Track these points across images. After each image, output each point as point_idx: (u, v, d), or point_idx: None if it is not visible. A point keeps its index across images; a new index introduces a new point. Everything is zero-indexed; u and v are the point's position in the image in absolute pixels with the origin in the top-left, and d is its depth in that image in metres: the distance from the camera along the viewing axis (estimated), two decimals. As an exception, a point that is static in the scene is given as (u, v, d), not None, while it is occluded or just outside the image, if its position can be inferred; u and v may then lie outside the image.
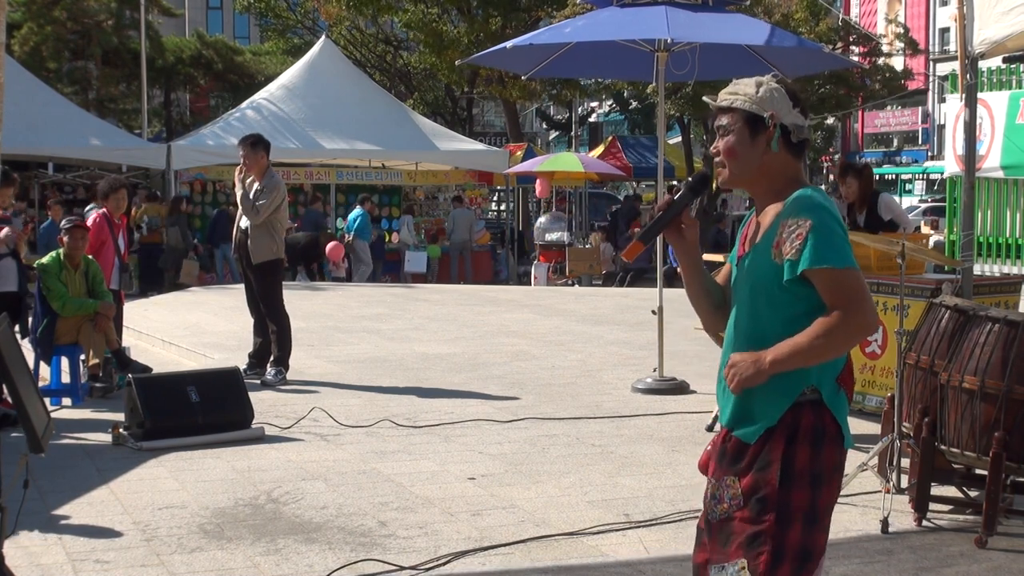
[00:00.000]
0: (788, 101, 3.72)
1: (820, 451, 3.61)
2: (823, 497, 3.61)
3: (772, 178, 3.75)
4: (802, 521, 3.57)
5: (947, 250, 14.26)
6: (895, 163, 62.96)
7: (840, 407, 3.67)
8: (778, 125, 3.71)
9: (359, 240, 25.12)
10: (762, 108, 3.72)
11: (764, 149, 3.72)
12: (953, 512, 7.04)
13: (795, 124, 3.72)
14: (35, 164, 26.64)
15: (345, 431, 9.21)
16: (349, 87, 27.13)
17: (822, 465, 3.61)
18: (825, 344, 3.55)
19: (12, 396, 4.33)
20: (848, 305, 3.53)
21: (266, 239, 11.30)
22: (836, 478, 3.68)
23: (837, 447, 3.67)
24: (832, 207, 3.62)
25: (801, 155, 3.77)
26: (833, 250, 3.54)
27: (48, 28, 36.21)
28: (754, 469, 3.62)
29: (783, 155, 3.73)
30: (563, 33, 11.56)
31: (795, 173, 3.75)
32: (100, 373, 10.90)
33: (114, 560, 6.09)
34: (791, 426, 3.61)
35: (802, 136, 3.74)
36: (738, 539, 3.60)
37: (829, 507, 3.65)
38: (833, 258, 3.54)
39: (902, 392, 7.08)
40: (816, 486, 3.60)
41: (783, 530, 3.56)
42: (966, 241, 8.82)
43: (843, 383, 3.70)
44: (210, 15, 68.86)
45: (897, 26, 35.16)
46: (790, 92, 3.76)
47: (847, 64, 19.70)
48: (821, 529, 3.62)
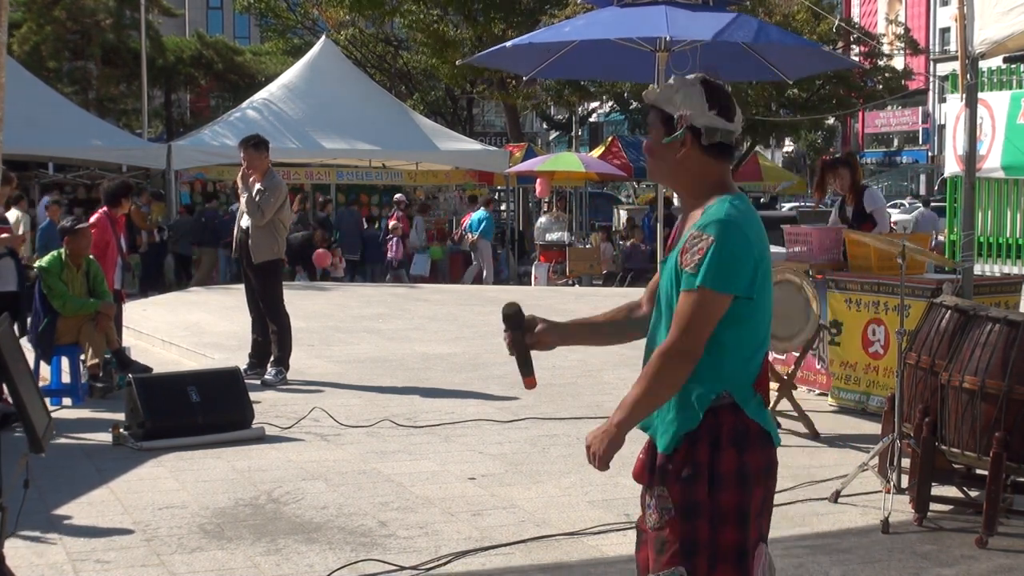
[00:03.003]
0: (704, 102, 3.68)
1: (745, 452, 3.60)
2: (755, 497, 3.61)
3: (690, 180, 3.71)
4: (734, 523, 3.58)
5: (947, 250, 14.26)
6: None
7: (757, 411, 3.65)
8: (687, 126, 3.66)
9: (483, 240, 25.25)
10: (674, 108, 3.70)
11: (678, 149, 3.68)
12: (954, 512, 7.04)
13: (708, 126, 3.65)
14: (35, 164, 26.62)
15: (345, 431, 9.21)
16: (349, 87, 27.12)
17: (749, 466, 3.60)
18: (659, 375, 3.56)
19: (12, 396, 4.33)
20: (682, 324, 3.53)
21: (267, 239, 11.30)
22: (767, 477, 3.68)
23: (764, 447, 3.66)
24: (746, 221, 3.58)
25: (724, 158, 3.71)
26: (716, 272, 3.50)
27: (48, 28, 36.21)
28: (682, 477, 3.61)
29: (700, 157, 3.68)
30: (563, 32, 11.55)
31: (717, 177, 3.70)
32: (100, 373, 10.90)
33: (114, 560, 6.09)
34: (713, 431, 3.60)
35: (714, 139, 3.67)
36: (672, 547, 3.61)
37: (759, 505, 3.65)
38: (712, 280, 3.50)
39: (902, 392, 7.08)
40: (744, 487, 3.59)
41: (716, 535, 3.57)
42: (966, 241, 8.81)
43: (759, 388, 3.69)
44: (210, 15, 68.89)
45: (897, 26, 35.14)
46: (714, 93, 3.72)
47: (848, 64, 19.72)
48: (756, 526, 3.63)
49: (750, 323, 3.60)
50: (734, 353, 3.60)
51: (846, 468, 7.74)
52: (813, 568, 6.05)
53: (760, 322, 3.64)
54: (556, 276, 24.53)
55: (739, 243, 3.53)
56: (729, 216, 3.55)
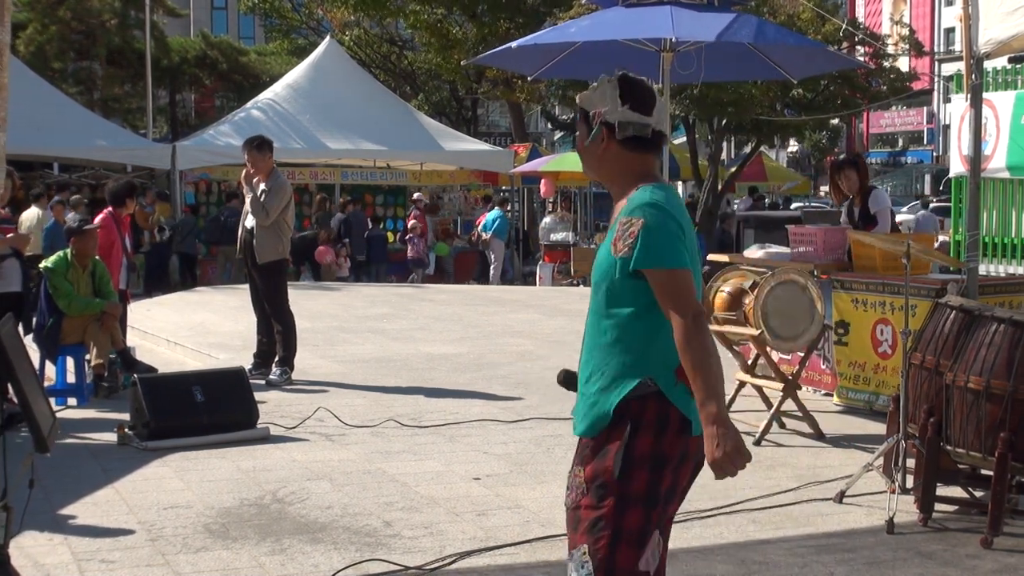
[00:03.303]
0: (617, 98, 3.81)
1: (662, 439, 3.70)
2: (665, 482, 3.72)
3: (614, 173, 3.88)
4: (642, 505, 3.70)
5: (952, 250, 14.24)
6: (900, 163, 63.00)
7: (681, 397, 3.74)
8: (601, 122, 3.82)
9: (496, 240, 25.29)
10: (591, 105, 3.87)
11: (599, 145, 3.86)
12: (959, 512, 7.04)
13: (621, 121, 3.80)
14: (40, 164, 26.63)
15: (350, 431, 9.22)
16: (354, 87, 27.12)
17: (664, 452, 3.71)
18: (696, 352, 3.64)
19: (17, 396, 4.34)
20: (676, 306, 3.66)
21: (272, 239, 11.30)
22: (681, 465, 3.76)
23: (682, 435, 3.75)
24: (670, 205, 3.72)
25: (645, 151, 3.87)
26: (656, 251, 3.67)
27: (53, 28, 36.25)
28: (596, 458, 3.76)
29: (619, 151, 3.84)
30: (568, 33, 11.56)
31: (641, 169, 3.85)
32: (105, 373, 10.90)
33: (119, 560, 6.09)
34: (636, 417, 3.73)
35: (628, 133, 3.81)
36: (583, 525, 3.76)
37: (674, 490, 3.76)
38: (658, 259, 3.66)
39: (907, 392, 7.07)
40: (656, 471, 3.70)
41: (622, 514, 3.70)
42: (971, 241, 8.80)
43: (682, 376, 3.75)
44: (215, 15, 68.93)
45: (902, 27, 35.07)
46: (628, 88, 3.85)
47: (853, 64, 19.70)
48: (661, 510, 3.74)
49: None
50: (654, 340, 3.73)
51: (851, 468, 7.74)
52: (818, 568, 6.05)
53: None
54: (561, 276, 24.53)
55: (668, 226, 3.70)
56: (652, 200, 3.73)
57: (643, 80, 3.91)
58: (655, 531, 3.75)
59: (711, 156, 31.57)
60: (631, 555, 3.70)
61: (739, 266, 10.31)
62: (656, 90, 3.92)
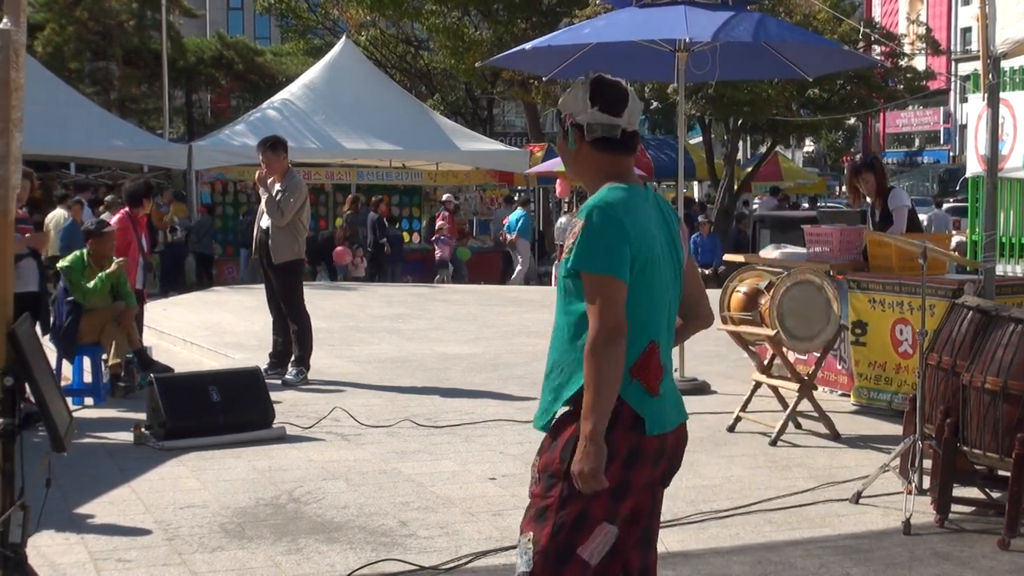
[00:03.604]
0: (586, 100, 3.87)
1: (611, 434, 3.70)
2: (611, 476, 3.71)
3: (587, 174, 3.95)
4: (583, 496, 3.73)
5: (968, 251, 14.20)
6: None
7: (634, 395, 3.78)
8: (571, 124, 3.90)
9: (522, 240, 25.36)
10: (564, 108, 3.94)
11: (574, 147, 3.93)
12: (975, 513, 7.01)
13: (589, 123, 3.86)
14: (57, 164, 26.73)
15: (366, 431, 9.22)
16: (370, 87, 27.12)
17: (613, 447, 3.71)
18: (593, 367, 3.65)
19: (35, 395, 4.35)
20: (592, 315, 3.69)
21: (288, 239, 11.32)
22: (632, 462, 3.79)
23: (633, 432, 3.78)
24: (624, 207, 3.75)
25: (614, 151, 3.91)
26: (589, 254, 3.70)
27: (70, 29, 36.36)
28: (548, 450, 3.88)
29: (590, 152, 3.90)
30: (582, 34, 11.55)
31: (609, 169, 3.91)
32: (122, 372, 10.94)
33: (136, 559, 6.11)
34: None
35: (596, 134, 3.87)
36: (530, 513, 3.87)
37: (626, 487, 3.79)
38: (587, 262, 3.70)
39: (924, 393, 7.05)
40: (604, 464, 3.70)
41: (565, 505, 3.77)
42: (988, 241, 8.77)
43: (637, 375, 3.79)
44: (231, 16, 69.08)
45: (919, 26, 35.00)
46: (598, 90, 3.89)
47: (869, 62, 19.62)
48: (601, 503, 3.76)
49: (627, 309, 3.72)
50: None
51: (867, 469, 7.73)
52: (834, 569, 6.04)
53: (638, 309, 3.76)
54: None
55: (611, 228, 3.71)
56: (602, 200, 3.76)
57: (616, 82, 3.94)
58: (604, 524, 3.79)
59: (727, 156, 31.52)
60: (572, 545, 3.77)
61: (755, 266, 10.29)
62: (631, 91, 3.95)
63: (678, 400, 4.00)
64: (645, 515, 3.96)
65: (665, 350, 3.91)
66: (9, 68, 4.31)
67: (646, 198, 3.89)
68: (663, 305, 3.87)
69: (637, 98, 3.96)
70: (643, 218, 3.79)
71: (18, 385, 4.26)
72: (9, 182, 4.37)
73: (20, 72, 4.36)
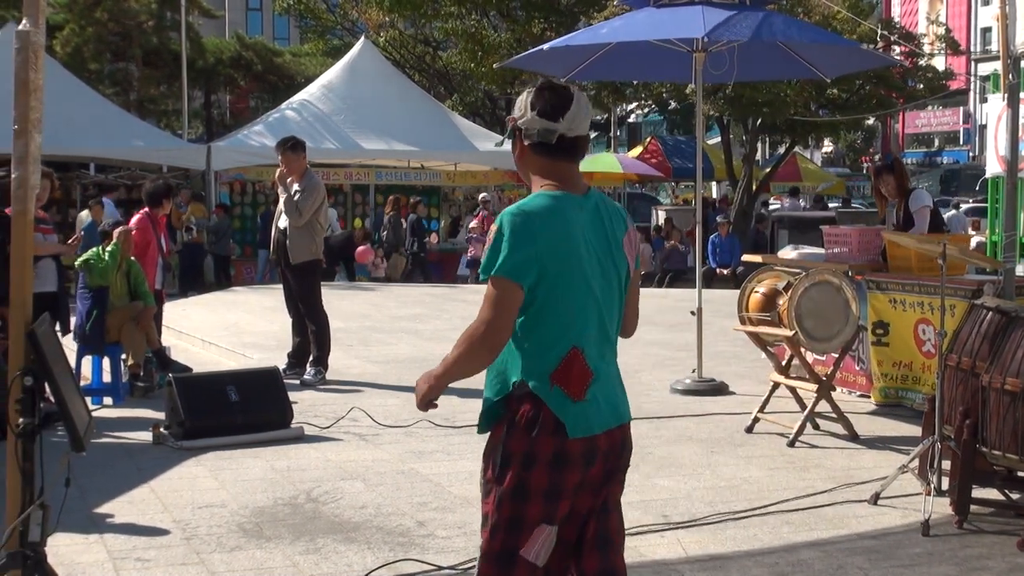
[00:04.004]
0: (527, 104, 3.94)
1: (535, 438, 3.82)
2: (538, 479, 3.82)
3: (530, 177, 4.00)
4: (516, 500, 3.85)
5: (988, 251, 14.15)
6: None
7: (554, 401, 3.84)
8: (512, 128, 4.00)
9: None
10: (513, 112, 4.01)
11: (516, 150, 4.02)
12: (994, 514, 6.99)
13: (527, 127, 3.93)
14: (76, 165, 26.79)
15: (384, 431, 9.24)
16: (388, 88, 27.17)
17: (534, 451, 3.82)
18: (459, 352, 3.85)
19: (54, 395, 4.36)
20: (481, 309, 3.79)
21: (305, 239, 11.33)
22: (558, 465, 3.85)
23: (556, 436, 3.84)
24: (536, 214, 3.81)
25: (552, 156, 3.94)
26: (491, 258, 3.78)
27: (90, 29, 36.44)
28: (485, 455, 3.98)
29: (530, 155, 3.96)
30: (600, 34, 11.55)
31: (547, 174, 3.96)
32: (141, 372, 10.98)
33: (154, 559, 6.13)
34: (512, 416, 3.88)
35: (533, 139, 3.93)
36: (481, 519, 3.98)
37: (545, 490, 3.85)
38: (490, 265, 3.78)
39: (943, 394, 7.03)
40: (527, 468, 3.83)
41: (499, 508, 3.88)
42: (1008, 242, 8.74)
43: (558, 381, 3.85)
44: (250, 16, 69.10)
45: (939, 26, 34.86)
46: (539, 95, 3.94)
47: (887, 62, 19.57)
48: (535, 505, 3.85)
49: (541, 315, 3.82)
50: (528, 342, 3.85)
51: (886, 470, 7.71)
52: (852, 570, 6.03)
53: (555, 316, 3.84)
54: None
55: (517, 233, 3.76)
56: (518, 208, 3.83)
57: (562, 88, 3.97)
58: (543, 526, 3.86)
59: (745, 156, 31.46)
60: (509, 538, 3.86)
61: (773, 267, 10.28)
62: (579, 97, 3.96)
63: (616, 403, 4.00)
64: (594, 516, 3.99)
65: (598, 355, 3.94)
66: (28, 69, 4.33)
67: (580, 206, 3.92)
68: (589, 312, 3.89)
69: (587, 104, 3.98)
70: (567, 226, 3.83)
71: (38, 385, 4.28)
72: (28, 182, 4.39)
73: (39, 73, 4.38)
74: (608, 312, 3.96)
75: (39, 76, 4.38)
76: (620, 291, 4.02)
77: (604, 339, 3.97)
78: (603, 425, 3.91)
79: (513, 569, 3.86)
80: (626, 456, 4.06)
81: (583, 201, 3.93)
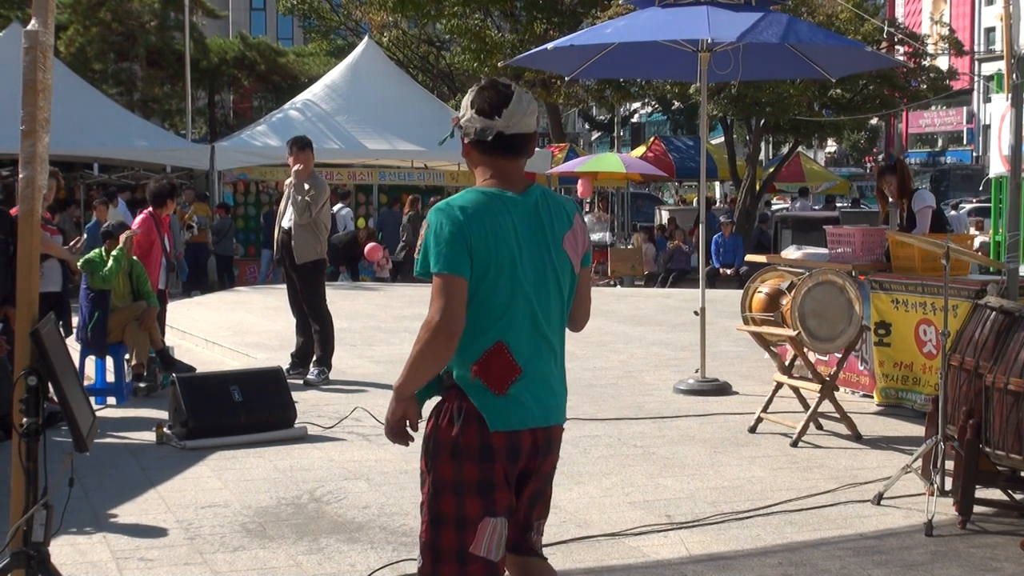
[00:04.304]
0: (469, 103, 4.04)
1: (461, 429, 3.90)
2: (469, 471, 3.89)
3: (475, 173, 4.08)
4: (452, 492, 3.92)
5: (992, 251, 14.14)
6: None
7: (475, 392, 3.92)
8: (456, 127, 4.11)
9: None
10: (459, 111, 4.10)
11: (462, 148, 4.12)
12: (998, 515, 6.99)
13: (465, 126, 4.04)
14: (80, 165, 26.83)
15: (387, 431, 9.22)
16: (392, 88, 27.17)
17: (462, 442, 3.90)
18: (415, 353, 3.89)
19: (58, 395, 4.37)
20: (429, 306, 3.85)
21: (310, 239, 11.33)
22: (485, 457, 3.90)
23: (478, 428, 3.90)
24: (450, 211, 3.87)
25: (492, 154, 4.01)
26: (424, 256, 3.87)
27: (94, 29, 36.52)
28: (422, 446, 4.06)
29: (472, 153, 4.07)
30: (604, 34, 11.54)
31: (487, 170, 4.04)
32: (144, 372, 10.98)
33: (158, 558, 6.13)
34: (442, 407, 3.99)
35: (470, 137, 4.03)
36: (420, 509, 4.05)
37: (478, 483, 3.90)
38: (424, 264, 3.87)
39: (946, 394, 7.03)
40: (457, 460, 3.90)
41: (436, 500, 3.95)
42: (1012, 242, 8.74)
43: (479, 373, 3.91)
44: (253, 16, 69.14)
45: (942, 26, 34.82)
46: (482, 93, 4.03)
47: (891, 63, 19.57)
48: (472, 500, 3.90)
49: (468, 308, 3.86)
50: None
51: (889, 470, 7.71)
52: (856, 570, 6.02)
53: (481, 310, 3.89)
54: (598, 277, 24.51)
55: (443, 226, 3.83)
56: (445, 203, 3.90)
57: (503, 85, 4.03)
58: (486, 519, 3.90)
59: (749, 156, 31.44)
60: (455, 539, 3.91)
61: (777, 267, 10.28)
62: (520, 95, 4.01)
63: (547, 404, 4.02)
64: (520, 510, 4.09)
65: (530, 353, 3.95)
66: (36, 69, 4.34)
67: (515, 203, 3.95)
68: (519, 308, 3.91)
69: (529, 103, 4.02)
70: (494, 221, 3.87)
71: (41, 385, 4.28)
72: (36, 183, 4.39)
73: (47, 73, 4.38)
74: (543, 310, 3.98)
75: (48, 76, 4.38)
76: (560, 289, 4.03)
77: (539, 337, 3.98)
78: (526, 423, 3.94)
79: (467, 566, 3.90)
80: (545, 460, 4.08)
81: (520, 198, 3.98)
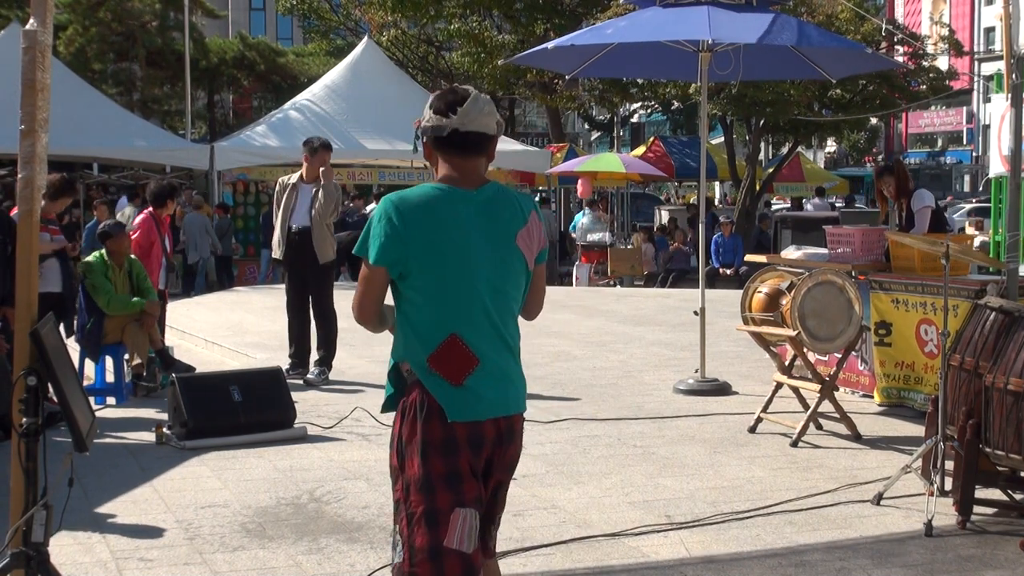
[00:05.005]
0: (428, 106, 4.14)
1: (426, 424, 3.95)
2: (436, 465, 3.94)
3: (436, 173, 4.14)
4: (420, 489, 3.96)
5: (992, 251, 14.14)
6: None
7: (432, 384, 3.98)
8: (418, 129, 4.18)
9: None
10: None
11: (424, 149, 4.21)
12: (998, 515, 6.99)
13: (424, 126, 4.12)
14: (80, 165, 26.84)
15: (387, 431, 9.15)
16: (391, 88, 27.14)
17: (428, 436, 3.95)
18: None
19: (57, 395, 4.37)
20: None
21: (328, 239, 11.41)
22: (449, 450, 3.96)
23: (441, 421, 3.95)
24: (392, 204, 3.97)
25: (444, 150, 4.10)
26: (362, 240, 4.01)
27: (93, 29, 36.54)
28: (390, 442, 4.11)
29: (431, 153, 4.15)
30: (604, 34, 11.53)
31: (443, 167, 4.11)
32: (144, 372, 10.98)
33: (157, 558, 6.13)
34: (405, 403, 4.04)
35: (428, 135, 4.11)
36: (394, 506, 4.08)
37: (445, 476, 3.95)
38: (360, 247, 4.02)
39: (946, 394, 7.03)
40: (425, 455, 3.95)
41: (408, 496, 3.99)
42: (1012, 242, 8.74)
43: (435, 365, 3.99)
44: (253, 16, 69.15)
45: (942, 26, 34.82)
46: (440, 96, 4.13)
47: (892, 65, 19.58)
48: (442, 493, 3.94)
49: (421, 302, 3.98)
50: (409, 328, 4.05)
51: (889, 470, 7.71)
52: (855, 570, 6.02)
53: (433, 303, 3.99)
54: (597, 277, 24.51)
55: (384, 220, 3.95)
56: (397, 195, 4.01)
57: (461, 89, 4.13)
58: (457, 511, 3.93)
59: (749, 156, 31.45)
60: (431, 534, 3.93)
61: (776, 267, 10.28)
62: (477, 97, 4.10)
63: (505, 395, 4.07)
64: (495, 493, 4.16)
65: (486, 346, 4.02)
66: (35, 69, 4.34)
67: (467, 199, 4.03)
68: (472, 302, 3.99)
69: (486, 103, 4.11)
70: (442, 216, 3.96)
71: (41, 385, 4.28)
72: (34, 182, 4.39)
73: (46, 73, 4.38)
74: (496, 304, 4.05)
75: (46, 76, 4.38)
76: (514, 285, 4.11)
77: (493, 331, 4.05)
78: (485, 413, 3.99)
79: (443, 561, 3.92)
80: (508, 449, 4.11)
81: (473, 194, 4.05)
